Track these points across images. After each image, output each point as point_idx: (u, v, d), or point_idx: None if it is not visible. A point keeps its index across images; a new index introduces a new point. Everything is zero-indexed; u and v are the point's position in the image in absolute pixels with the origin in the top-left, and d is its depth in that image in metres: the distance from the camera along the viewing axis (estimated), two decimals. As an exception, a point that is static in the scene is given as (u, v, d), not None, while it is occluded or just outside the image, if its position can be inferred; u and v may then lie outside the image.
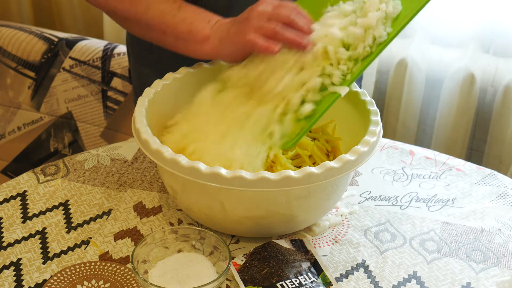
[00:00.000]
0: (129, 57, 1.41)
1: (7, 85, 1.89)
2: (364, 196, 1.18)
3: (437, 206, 1.16)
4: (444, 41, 1.83)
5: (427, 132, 1.94)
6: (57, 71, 1.85)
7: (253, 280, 0.99)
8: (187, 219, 1.12)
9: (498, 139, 1.84)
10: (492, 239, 1.10)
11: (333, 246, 1.08)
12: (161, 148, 0.99)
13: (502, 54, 1.79)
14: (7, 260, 1.05)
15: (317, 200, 1.04)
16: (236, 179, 0.95)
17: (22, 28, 1.91)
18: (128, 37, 1.38)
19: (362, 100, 1.10)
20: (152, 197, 1.16)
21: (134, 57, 1.37)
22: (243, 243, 1.08)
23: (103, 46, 1.85)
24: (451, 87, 1.82)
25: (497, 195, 1.18)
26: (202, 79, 1.16)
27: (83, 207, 1.14)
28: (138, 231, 1.09)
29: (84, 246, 1.07)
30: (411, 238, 1.10)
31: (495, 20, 1.77)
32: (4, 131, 1.92)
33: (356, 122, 1.11)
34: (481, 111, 1.85)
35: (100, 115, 1.86)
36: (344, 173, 0.98)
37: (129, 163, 1.23)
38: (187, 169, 0.96)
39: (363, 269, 1.05)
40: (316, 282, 1.00)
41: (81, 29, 2.22)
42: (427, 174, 1.22)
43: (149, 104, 1.08)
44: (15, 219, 1.11)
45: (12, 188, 1.17)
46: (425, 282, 1.03)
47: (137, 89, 1.39)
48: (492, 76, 1.79)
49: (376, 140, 1.04)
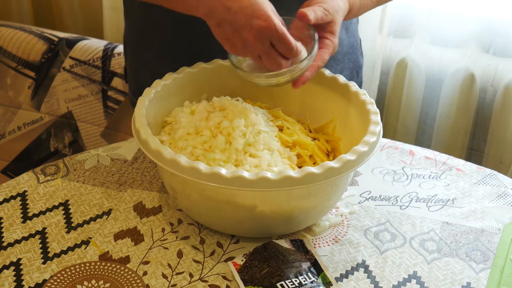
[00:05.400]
0: (126, 55, 1.40)
1: (7, 85, 1.89)
2: (364, 196, 1.18)
3: (437, 206, 1.16)
4: (444, 41, 1.83)
5: (427, 132, 1.94)
6: (57, 71, 1.85)
7: (253, 280, 1.00)
8: (187, 219, 1.12)
9: (498, 139, 1.84)
10: (492, 239, 1.10)
11: (333, 246, 1.08)
12: (161, 148, 0.99)
13: (502, 54, 1.79)
14: (7, 260, 1.05)
15: (317, 200, 1.04)
16: (236, 179, 0.95)
17: (22, 28, 1.91)
18: (125, 35, 1.38)
19: (362, 100, 1.10)
20: (152, 197, 1.16)
21: (131, 55, 1.37)
22: (243, 243, 1.08)
23: (103, 46, 1.85)
24: (451, 87, 1.82)
25: (497, 195, 1.18)
26: (202, 79, 1.17)
27: (83, 207, 1.14)
28: (138, 231, 1.10)
29: (84, 246, 1.07)
30: (411, 238, 1.10)
31: (495, 20, 1.77)
32: (4, 131, 1.92)
33: (356, 122, 1.11)
34: (481, 111, 1.85)
35: (100, 115, 1.86)
36: (344, 173, 0.98)
37: (129, 163, 1.23)
38: (187, 169, 0.96)
39: (363, 269, 1.05)
40: (316, 282, 1.00)
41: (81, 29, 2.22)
42: (427, 174, 1.22)
43: (149, 104, 1.08)
44: (15, 219, 1.11)
45: (12, 188, 1.17)
46: (425, 282, 1.03)
47: (133, 87, 1.38)
48: (492, 76, 1.79)
49: (376, 140, 1.04)
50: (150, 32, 1.28)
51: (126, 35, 1.37)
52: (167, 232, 1.10)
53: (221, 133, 1.05)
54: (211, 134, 1.05)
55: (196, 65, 1.16)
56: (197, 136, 1.06)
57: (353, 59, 1.35)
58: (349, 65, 1.34)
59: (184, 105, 1.14)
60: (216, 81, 1.17)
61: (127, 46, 1.38)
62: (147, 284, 1.01)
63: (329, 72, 1.16)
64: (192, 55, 1.20)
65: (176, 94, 1.14)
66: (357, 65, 1.37)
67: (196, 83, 1.16)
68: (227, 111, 1.07)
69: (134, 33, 1.32)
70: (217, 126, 1.06)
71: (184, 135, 1.07)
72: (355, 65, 1.36)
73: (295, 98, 1.19)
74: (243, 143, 1.04)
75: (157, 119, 1.12)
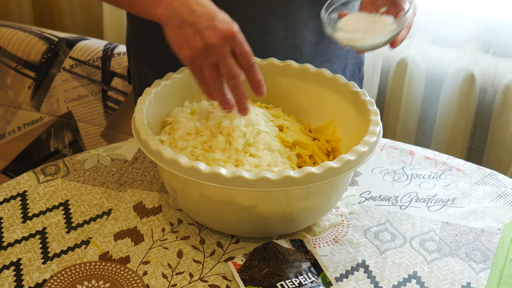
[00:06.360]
0: (129, 56, 1.40)
1: (7, 85, 1.89)
2: (364, 196, 1.18)
3: (437, 206, 1.16)
4: (444, 41, 1.83)
5: (427, 132, 1.94)
6: (57, 71, 1.85)
7: (253, 280, 1.00)
8: (187, 219, 1.12)
9: (498, 139, 1.84)
10: (492, 239, 1.10)
11: (333, 246, 1.08)
12: (161, 148, 0.99)
13: (502, 54, 1.79)
14: (7, 260, 1.05)
15: (317, 200, 1.04)
16: (236, 179, 0.95)
17: (22, 28, 1.91)
18: (128, 36, 1.37)
19: (362, 100, 1.10)
20: (152, 197, 1.16)
21: (135, 56, 1.36)
22: (243, 243, 1.08)
23: (103, 46, 1.85)
24: (451, 87, 1.82)
25: (497, 195, 1.19)
26: (202, 79, 1.17)
27: (83, 207, 1.14)
28: (138, 231, 1.10)
29: (84, 246, 1.07)
30: (411, 238, 1.10)
31: (495, 20, 1.77)
32: (4, 131, 1.92)
33: (356, 122, 1.11)
34: (481, 111, 1.85)
35: (100, 115, 1.86)
36: (344, 173, 0.98)
37: (129, 163, 1.23)
38: (187, 169, 0.96)
39: (363, 269, 1.05)
40: (316, 282, 1.00)
41: (81, 29, 2.22)
42: (427, 174, 1.22)
43: (149, 104, 1.08)
44: (15, 219, 1.11)
45: (12, 188, 1.17)
46: (425, 282, 1.03)
47: (138, 89, 1.38)
48: (492, 76, 1.79)
49: (376, 140, 1.04)
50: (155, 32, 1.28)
51: (130, 37, 1.37)
52: (167, 232, 1.10)
53: (221, 133, 1.05)
54: (211, 134, 1.05)
55: (196, 65, 1.16)
56: (197, 136, 1.06)
57: (356, 55, 1.36)
58: (352, 61, 1.35)
59: (184, 105, 1.14)
60: (216, 81, 1.17)
61: (130, 47, 1.38)
62: (147, 284, 1.01)
63: (329, 72, 1.16)
64: None
65: (176, 94, 1.14)
66: (359, 61, 1.39)
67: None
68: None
69: (139, 34, 1.32)
70: (217, 126, 1.06)
71: (184, 135, 1.07)
72: (357, 61, 1.38)
73: (295, 98, 1.19)
74: (243, 143, 1.04)
75: (157, 119, 1.12)
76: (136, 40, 1.34)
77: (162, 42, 1.16)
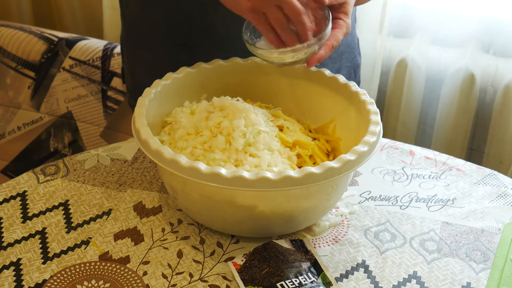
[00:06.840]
0: (123, 56, 1.41)
1: (7, 85, 1.89)
2: (364, 196, 1.18)
3: (437, 206, 1.16)
4: (444, 41, 1.83)
5: (427, 132, 1.94)
6: (57, 71, 1.85)
7: (253, 280, 0.99)
8: (187, 219, 1.12)
9: (498, 139, 1.84)
10: (492, 239, 1.10)
11: (333, 246, 1.08)
12: (161, 148, 0.99)
13: (502, 54, 1.79)
14: (7, 260, 1.05)
15: (317, 200, 1.04)
16: (236, 179, 0.95)
17: (22, 28, 1.91)
18: (122, 35, 1.38)
19: (362, 100, 1.10)
20: (152, 197, 1.16)
21: (128, 56, 1.37)
22: (243, 243, 1.08)
23: (103, 46, 1.85)
24: (451, 87, 1.82)
25: (497, 195, 1.18)
26: (202, 79, 1.17)
27: (83, 207, 1.14)
28: (138, 231, 1.10)
29: (84, 246, 1.07)
30: (411, 238, 1.10)
31: (495, 20, 1.77)
32: (4, 131, 1.92)
33: (356, 122, 1.11)
34: (481, 111, 1.85)
35: (100, 115, 1.86)
36: (344, 173, 0.98)
37: (129, 163, 1.23)
38: (187, 169, 0.96)
39: (363, 269, 1.05)
40: (316, 282, 1.00)
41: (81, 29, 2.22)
42: (427, 174, 1.22)
43: (149, 104, 1.08)
44: (15, 219, 1.11)
45: (12, 188, 1.17)
46: (425, 282, 1.03)
47: (131, 88, 1.38)
48: (492, 76, 1.79)
49: (376, 140, 1.04)
50: (146, 32, 1.28)
51: (123, 36, 1.37)
52: (167, 232, 1.10)
53: (221, 133, 1.05)
54: (211, 134, 1.05)
55: (196, 65, 1.16)
56: (197, 136, 1.06)
57: (351, 58, 1.35)
58: (346, 64, 1.34)
59: (184, 105, 1.14)
60: (216, 81, 1.17)
61: (123, 47, 1.38)
62: (147, 284, 1.01)
63: (329, 72, 1.16)
64: (189, 53, 1.20)
65: (176, 94, 1.14)
66: (355, 64, 1.38)
67: (196, 83, 1.16)
68: (227, 111, 1.07)
69: (130, 34, 1.33)
70: (217, 126, 1.06)
71: (184, 135, 1.07)
72: (353, 64, 1.37)
73: (295, 98, 1.19)
74: (243, 143, 1.04)
75: (157, 119, 1.12)
76: (127, 41, 1.35)
77: (153, 43, 1.16)
